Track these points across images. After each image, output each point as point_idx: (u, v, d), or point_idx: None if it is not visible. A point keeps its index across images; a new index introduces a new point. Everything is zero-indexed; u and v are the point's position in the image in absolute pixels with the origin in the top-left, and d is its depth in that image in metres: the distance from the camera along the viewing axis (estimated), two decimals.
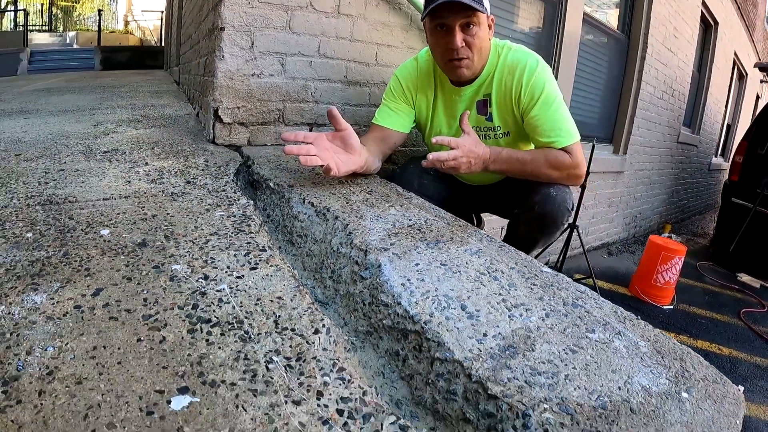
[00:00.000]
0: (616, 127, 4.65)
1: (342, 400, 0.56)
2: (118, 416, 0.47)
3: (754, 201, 4.78)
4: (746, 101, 9.82)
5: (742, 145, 5.32)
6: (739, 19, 7.86)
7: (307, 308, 0.72)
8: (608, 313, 0.85)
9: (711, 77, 6.90)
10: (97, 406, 0.48)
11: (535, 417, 0.56)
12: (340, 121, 1.29)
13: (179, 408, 0.49)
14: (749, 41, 8.96)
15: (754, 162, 5.16)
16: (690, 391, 0.67)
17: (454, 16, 1.36)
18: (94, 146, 1.60)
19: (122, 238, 0.87)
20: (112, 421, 0.46)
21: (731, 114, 9.43)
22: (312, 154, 1.21)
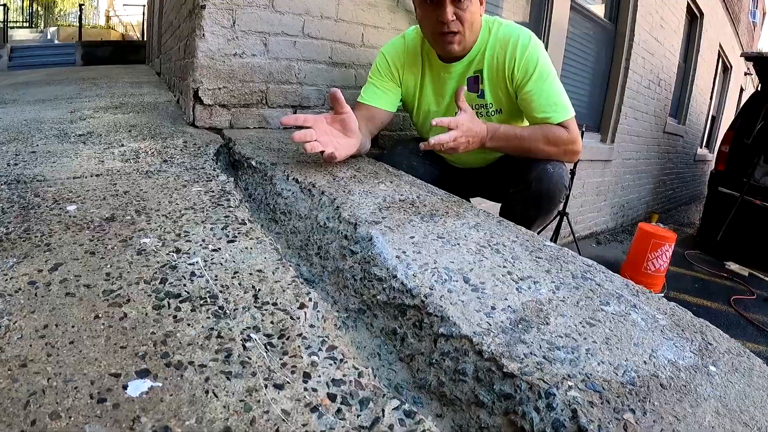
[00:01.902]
0: (603, 115, 4.64)
1: (333, 383, 0.49)
2: (64, 404, 0.40)
3: (741, 190, 4.79)
4: (731, 93, 9.91)
5: (729, 135, 5.34)
6: (724, 12, 7.91)
7: (291, 282, 0.65)
8: (620, 286, 0.81)
9: (696, 68, 6.92)
10: (41, 392, 0.41)
11: (560, 396, 0.50)
12: (343, 104, 1.22)
13: (137, 394, 0.42)
14: (734, 34, 9.02)
15: (740, 151, 5.18)
16: (717, 364, 0.63)
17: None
18: (69, 130, 1.51)
19: (89, 214, 0.79)
20: (56, 410, 0.39)
21: (716, 106, 9.50)
22: (315, 140, 1.15)
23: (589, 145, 4.19)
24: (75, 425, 0.38)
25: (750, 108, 5.36)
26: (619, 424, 0.48)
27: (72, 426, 0.38)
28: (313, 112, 1.92)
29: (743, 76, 10.51)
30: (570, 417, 0.48)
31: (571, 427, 0.48)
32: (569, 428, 0.48)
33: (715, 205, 5.17)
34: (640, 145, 5.40)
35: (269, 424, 0.41)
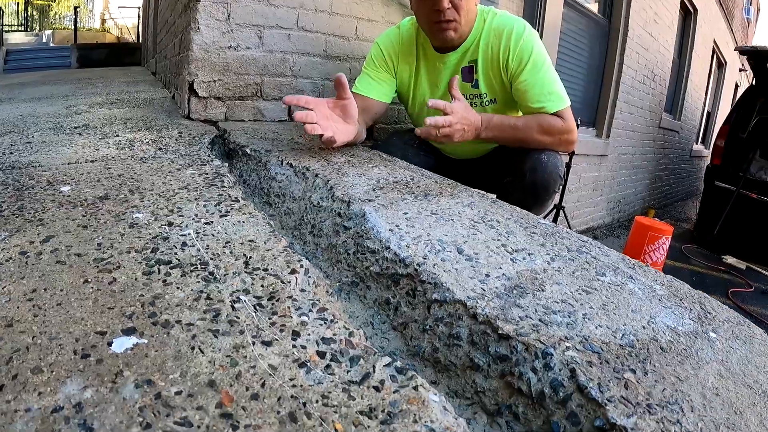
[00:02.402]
0: (598, 110, 4.66)
1: (323, 341, 0.49)
2: (47, 360, 0.40)
3: (737, 184, 4.81)
4: (725, 90, 9.94)
5: (724, 130, 5.36)
6: (717, 8, 7.95)
7: (283, 250, 0.66)
8: (616, 259, 0.82)
9: (691, 64, 6.95)
10: (25, 349, 0.41)
11: (557, 356, 0.50)
12: (347, 90, 1.22)
13: (121, 350, 0.42)
14: (728, 30, 9.06)
15: (736, 146, 5.20)
16: (717, 331, 0.64)
17: None
18: (65, 123, 1.52)
19: (83, 193, 0.80)
20: (39, 365, 0.39)
21: (711, 102, 9.54)
22: (315, 122, 1.15)
23: (585, 140, 4.20)
24: (56, 379, 0.38)
25: (745, 102, 5.39)
26: (619, 382, 0.48)
27: (53, 380, 0.38)
28: None
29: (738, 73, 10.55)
30: (568, 376, 0.48)
31: (570, 386, 0.47)
32: (568, 387, 0.47)
33: (712, 199, 5.20)
34: (635, 140, 5.43)
35: (255, 378, 0.41)
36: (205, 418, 0.35)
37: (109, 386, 0.37)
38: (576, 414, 0.46)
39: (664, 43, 5.52)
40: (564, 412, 0.47)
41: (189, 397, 0.37)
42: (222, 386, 0.39)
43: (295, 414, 0.37)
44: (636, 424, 0.43)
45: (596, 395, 0.45)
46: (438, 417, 0.41)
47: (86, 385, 0.37)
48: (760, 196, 4.78)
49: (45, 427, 0.33)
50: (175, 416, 0.35)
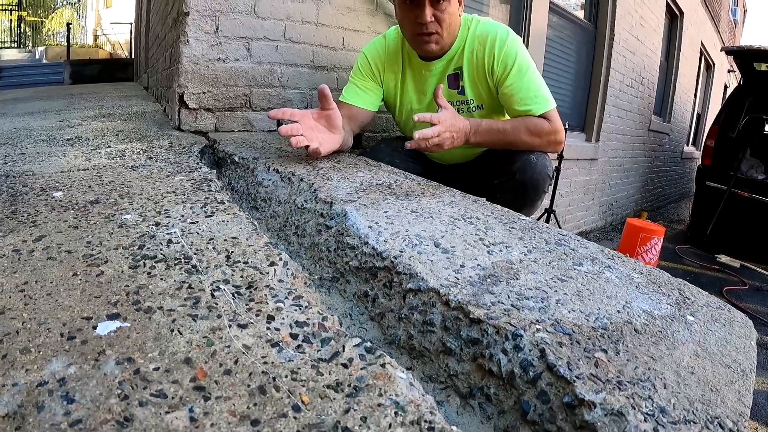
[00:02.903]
0: (587, 114, 4.70)
1: (297, 325, 0.51)
2: (36, 342, 0.43)
3: (728, 183, 4.85)
4: (714, 91, 10.02)
5: (714, 129, 5.42)
6: (704, 10, 8.05)
7: (264, 246, 0.69)
8: (594, 251, 0.84)
9: (679, 66, 7.03)
10: (14, 333, 0.44)
11: (527, 337, 0.51)
12: (331, 101, 1.26)
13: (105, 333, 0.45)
14: (715, 32, 9.16)
15: (726, 145, 5.26)
16: (695, 314, 0.65)
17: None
18: (58, 135, 1.55)
19: (74, 198, 0.83)
20: (27, 346, 0.42)
21: (701, 103, 9.62)
22: (300, 134, 1.18)
23: (574, 144, 4.25)
24: (43, 358, 0.41)
25: (733, 102, 5.46)
26: (590, 361, 0.49)
27: (40, 359, 0.41)
28: None
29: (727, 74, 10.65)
30: (538, 356, 0.49)
31: (540, 365, 0.49)
32: (538, 367, 0.49)
33: (704, 199, 5.23)
34: (625, 144, 5.47)
35: (229, 356, 0.44)
36: (179, 391, 0.38)
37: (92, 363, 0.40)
38: (546, 392, 0.48)
39: (650, 46, 5.59)
40: (534, 391, 0.48)
41: (166, 373, 0.40)
42: (197, 363, 0.42)
43: (264, 387, 0.40)
44: (605, 399, 0.44)
45: (565, 373, 0.47)
46: (403, 391, 0.43)
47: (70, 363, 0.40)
48: (752, 194, 4.81)
49: (30, 399, 0.36)
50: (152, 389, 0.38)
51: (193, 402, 0.37)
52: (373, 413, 0.39)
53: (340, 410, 0.39)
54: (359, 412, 0.39)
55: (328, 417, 0.38)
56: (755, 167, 5.33)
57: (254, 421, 0.36)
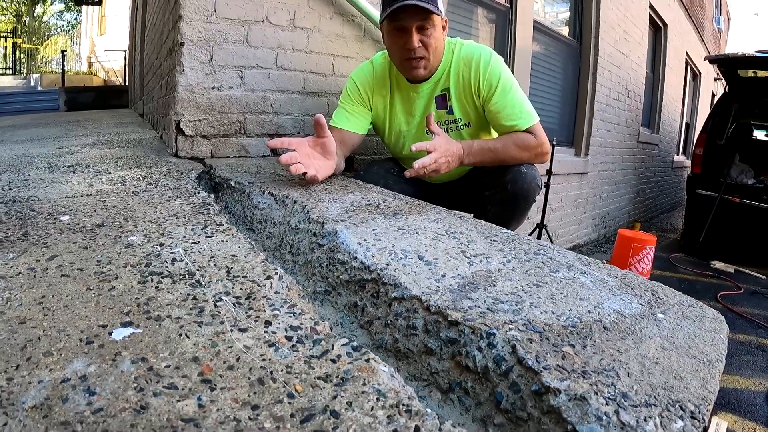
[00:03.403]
0: (576, 129, 4.78)
1: (291, 329, 0.57)
2: (57, 346, 0.49)
3: (719, 190, 4.93)
4: (702, 100, 10.16)
5: (702, 138, 5.49)
6: (687, 21, 8.22)
7: (261, 262, 0.75)
8: (572, 259, 0.89)
9: (665, 78, 7.15)
10: (36, 339, 0.50)
11: (500, 335, 0.56)
12: (326, 129, 1.33)
13: (120, 338, 0.51)
14: (699, 41, 9.35)
15: (714, 153, 5.34)
16: (666, 312, 0.70)
17: (411, 18, 1.43)
18: (59, 162, 1.61)
19: (81, 221, 0.89)
20: (49, 350, 0.48)
21: (689, 113, 9.76)
22: (298, 162, 1.25)
23: (564, 159, 4.32)
24: (65, 359, 0.47)
25: (720, 110, 5.56)
26: (557, 354, 0.54)
27: (62, 360, 0.46)
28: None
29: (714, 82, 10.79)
30: (510, 352, 0.54)
31: (511, 359, 0.53)
32: (509, 361, 0.54)
33: (696, 207, 5.29)
34: (615, 156, 5.55)
35: (232, 354, 0.50)
36: (188, 383, 0.44)
37: (110, 363, 0.46)
38: (516, 383, 0.52)
39: (635, 59, 5.71)
40: (507, 383, 0.53)
41: (176, 369, 0.46)
42: (204, 361, 0.48)
43: (263, 379, 0.46)
44: (569, 386, 0.48)
45: (533, 365, 0.52)
46: (385, 381, 0.49)
47: (90, 363, 0.46)
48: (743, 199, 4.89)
49: (55, 393, 0.41)
50: (164, 382, 0.44)
51: (200, 392, 0.43)
52: (357, 399, 0.45)
53: (329, 397, 0.45)
54: (345, 398, 0.45)
55: (318, 402, 0.44)
56: (745, 172, 5.41)
57: (254, 406, 0.42)
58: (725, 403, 2.17)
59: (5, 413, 0.37)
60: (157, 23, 3.12)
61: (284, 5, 1.96)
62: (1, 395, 0.40)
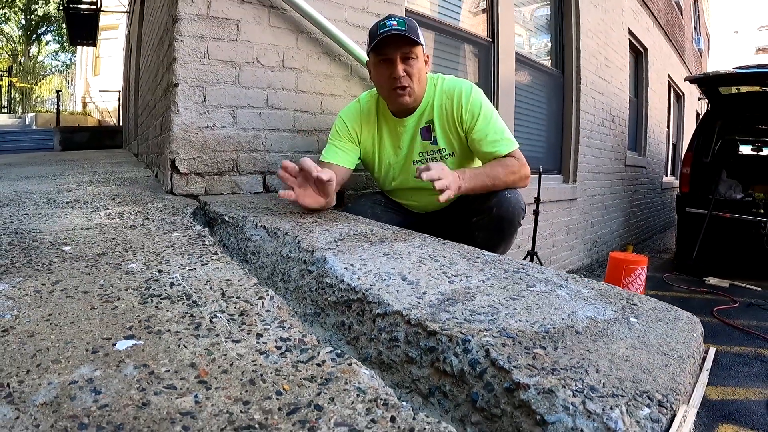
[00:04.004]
0: (563, 156, 4.86)
1: (281, 340, 0.62)
2: (65, 355, 0.54)
3: (708, 207, 4.99)
4: (687, 120, 10.35)
5: (688, 157, 5.59)
6: (667, 44, 8.46)
7: (254, 285, 0.81)
8: (550, 275, 0.95)
9: (648, 101, 7.32)
10: (45, 349, 0.55)
11: (475, 341, 0.60)
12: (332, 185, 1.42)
13: (123, 348, 0.56)
14: (681, 63, 9.60)
15: (701, 171, 5.43)
16: (639, 317, 0.75)
17: (395, 50, 1.54)
18: (57, 198, 1.67)
19: (83, 251, 0.95)
20: (58, 358, 0.53)
21: (675, 134, 9.92)
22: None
23: (552, 187, 4.39)
24: (72, 366, 0.52)
25: (704, 128, 5.66)
26: (528, 356, 0.58)
27: (70, 366, 0.52)
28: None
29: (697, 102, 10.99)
30: (484, 355, 0.58)
31: (485, 362, 0.57)
32: (483, 364, 0.58)
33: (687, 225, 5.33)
34: (603, 181, 5.64)
35: (226, 361, 0.55)
36: (186, 384, 0.49)
37: (114, 368, 0.51)
38: (490, 383, 0.56)
39: (618, 85, 5.84)
40: (482, 384, 0.57)
41: (175, 373, 0.51)
42: (200, 366, 0.53)
43: (254, 380, 0.51)
44: (538, 381, 0.52)
45: (504, 365, 0.56)
46: (365, 381, 0.54)
47: (96, 368, 0.51)
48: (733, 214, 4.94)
49: (64, 392, 0.46)
50: (164, 383, 0.49)
51: (197, 391, 0.48)
52: (339, 395, 0.50)
53: (313, 393, 0.50)
54: (328, 394, 0.50)
55: (303, 398, 0.49)
56: (733, 187, 5.48)
57: (245, 402, 0.47)
58: (727, 414, 2.18)
59: (17, 409, 0.42)
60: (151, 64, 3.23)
61: (274, 47, 2.06)
62: (13, 395, 0.45)
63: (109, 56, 17.09)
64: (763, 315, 3.77)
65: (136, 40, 5.74)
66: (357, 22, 2.36)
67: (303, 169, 1.35)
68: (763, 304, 4.05)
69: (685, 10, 10.59)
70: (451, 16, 3.50)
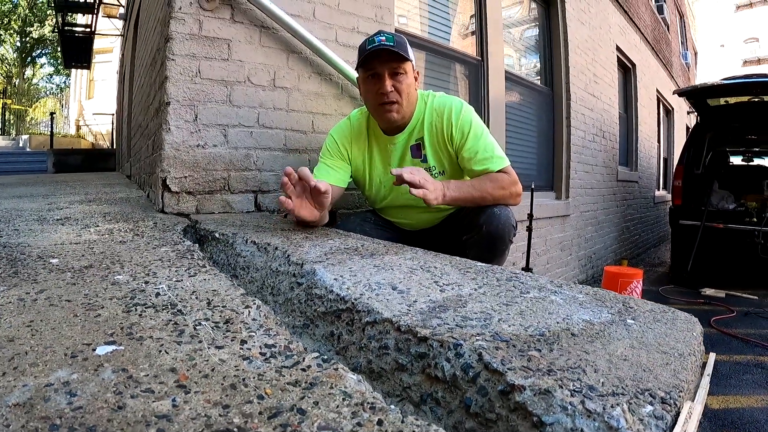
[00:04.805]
0: (554, 173, 4.89)
1: (266, 346, 0.61)
2: (43, 359, 0.53)
3: (701, 218, 5.02)
4: (677, 134, 10.46)
5: (679, 170, 5.62)
6: (654, 59, 8.61)
7: (240, 295, 0.80)
8: (544, 282, 0.94)
9: (638, 116, 7.41)
10: (24, 353, 0.54)
11: (467, 346, 0.59)
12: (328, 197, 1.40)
13: (103, 353, 0.55)
14: (669, 78, 9.75)
15: (693, 183, 5.47)
16: (636, 318, 0.74)
17: (384, 65, 1.55)
18: (48, 216, 1.67)
19: (70, 263, 0.94)
20: (35, 361, 0.52)
21: (665, 148, 10.01)
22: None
23: (544, 203, 4.39)
24: (49, 369, 0.51)
25: (694, 140, 5.71)
26: (523, 358, 0.56)
27: (47, 369, 0.50)
28: (272, 196, 2.10)
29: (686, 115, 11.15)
30: (477, 359, 0.57)
31: (478, 366, 0.56)
32: (476, 368, 0.56)
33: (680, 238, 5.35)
34: (595, 197, 5.66)
35: (207, 366, 0.54)
36: (164, 388, 0.48)
37: (92, 372, 0.50)
38: (484, 387, 0.55)
39: (607, 101, 5.91)
40: (475, 388, 0.55)
41: (154, 377, 0.50)
42: (181, 371, 0.52)
43: (235, 384, 0.50)
44: (533, 382, 0.51)
45: (498, 367, 0.54)
46: (352, 385, 0.53)
47: (73, 372, 0.50)
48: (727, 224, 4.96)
49: (38, 394, 0.45)
50: (141, 387, 0.48)
51: (175, 394, 0.47)
52: (324, 399, 0.49)
53: (296, 398, 0.49)
54: (312, 398, 0.49)
55: (286, 402, 0.48)
56: (725, 198, 5.52)
57: (225, 405, 0.46)
58: (729, 423, 2.17)
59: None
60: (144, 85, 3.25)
61: (265, 66, 2.07)
62: None
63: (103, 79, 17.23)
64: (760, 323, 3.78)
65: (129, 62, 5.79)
66: (347, 42, 2.39)
67: (301, 178, 1.34)
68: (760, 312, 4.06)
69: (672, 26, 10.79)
70: (442, 36, 3.55)
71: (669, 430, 0.48)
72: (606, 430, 0.46)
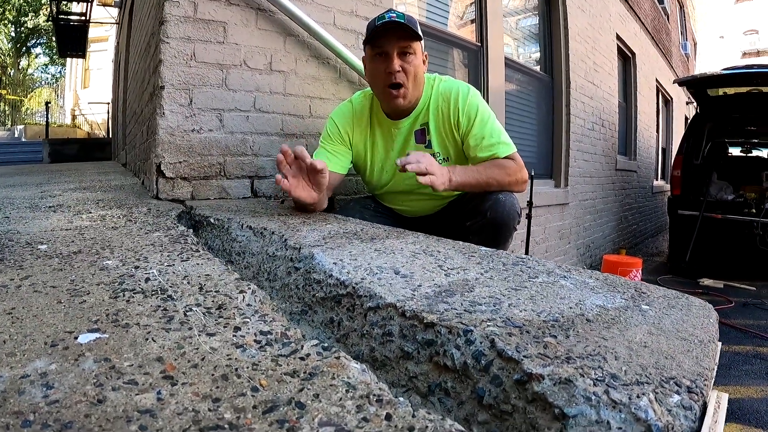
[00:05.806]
0: (554, 161, 4.86)
1: (261, 333, 0.57)
2: (21, 348, 0.49)
3: (700, 209, 5.02)
4: (676, 124, 10.44)
5: (678, 160, 5.62)
6: (654, 49, 8.56)
7: (235, 280, 0.75)
8: (551, 267, 0.91)
9: (637, 105, 7.38)
10: (2, 342, 0.50)
11: (478, 332, 0.56)
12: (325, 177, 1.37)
13: (85, 341, 0.51)
14: (668, 67, 9.71)
15: (692, 173, 5.47)
16: (651, 304, 0.71)
17: (393, 43, 1.49)
18: (40, 204, 1.62)
19: (58, 249, 0.90)
20: (13, 351, 0.48)
21: (664, 138, 10.01)
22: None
23: (544, 191, 4.37)
24: (27, 359, 0.47)
25: (693, 130, 5.71)
26: (539, 345, 0.53)
27: (24, 359, 0.46)
28: (269, 181, 2.06)
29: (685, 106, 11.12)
30: (489, 346, 0.54)
31: (491, 354, 0.53)
32: (489, 355, 0.53)
33: (679, 228, 5.36)
34: (594, 186, 5.64)
35: (197, 355, 0.50)
36: (149, 379, 0.44)
37: (72, 362, 0.46)
38: (498, 376, 0.51)
39: (607, 89, 5.87)
40: (488, 378, 0.52)
41: (138, 367, 0.46)
42: (168, 360, 0.48)
43: (227, 375, 0.46)
44: (552, 371, 0.48)
45: (513, 355, 0.51)
46: (355, 375, 0.49)
47: (52, 362, 0.46)
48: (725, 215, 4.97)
49: (13, 387, 0.41)
50: (124, 378, 0.44)
51: (161, 387, 0.43)
52: (325, 391, 0.45)
53: (294, 390, 0.45)
54: (312, 390, 0.45)
55: (283, 395, 0.44)
56: (724, 189, 5.51)
57: (215, 399, 0.42)
58: (730, 413, 2.17)
59: None
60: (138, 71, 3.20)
61: (261, 49, 2.02)
62: None
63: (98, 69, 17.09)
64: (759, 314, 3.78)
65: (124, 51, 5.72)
66: (345, 25, 2.33)
67: (297, 156, 1.30)
68: (758, 303, 4.06)
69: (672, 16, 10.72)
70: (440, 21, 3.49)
71: (698, 421, 0.45)
72: (633, 422, 0.43)
